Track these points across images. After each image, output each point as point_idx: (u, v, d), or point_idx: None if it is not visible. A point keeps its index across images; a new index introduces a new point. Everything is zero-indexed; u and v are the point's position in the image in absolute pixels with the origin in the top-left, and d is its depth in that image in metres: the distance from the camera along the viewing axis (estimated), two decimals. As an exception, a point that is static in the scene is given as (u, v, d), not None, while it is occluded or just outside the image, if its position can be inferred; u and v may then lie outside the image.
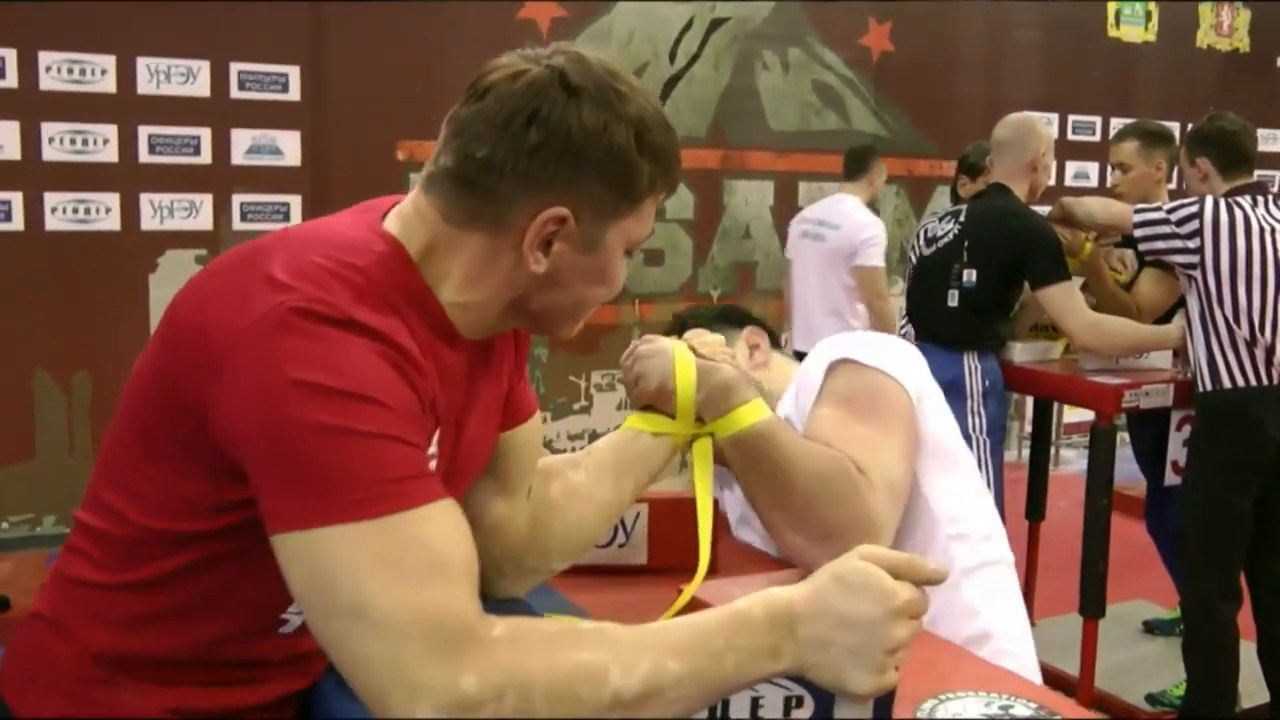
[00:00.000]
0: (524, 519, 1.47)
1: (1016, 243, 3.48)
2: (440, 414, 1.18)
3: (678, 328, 1.94)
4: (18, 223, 4.38)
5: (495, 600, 1.50)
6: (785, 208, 5.97)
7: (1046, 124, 3.75)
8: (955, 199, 4.94)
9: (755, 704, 1.13)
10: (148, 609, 1.17)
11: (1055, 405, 4.75)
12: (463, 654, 0.99)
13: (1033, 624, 4.12)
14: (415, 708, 0.98)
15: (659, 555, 1.83)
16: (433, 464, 1.16)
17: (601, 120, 1.15)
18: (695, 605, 1.56)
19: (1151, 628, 4.20)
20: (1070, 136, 6.67)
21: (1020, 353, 3.65)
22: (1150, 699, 3.70)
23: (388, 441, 1.03)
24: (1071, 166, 6.68)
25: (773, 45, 5.90)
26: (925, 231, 3.76)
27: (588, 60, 1.17)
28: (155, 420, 1.13)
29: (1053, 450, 6.10)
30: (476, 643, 1.00)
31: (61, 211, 4.46)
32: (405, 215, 1.20)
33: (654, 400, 1.58)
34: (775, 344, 2.04)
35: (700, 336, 1.67)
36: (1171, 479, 3.48)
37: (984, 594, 1.74)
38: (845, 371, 1.71)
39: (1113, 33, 6.82)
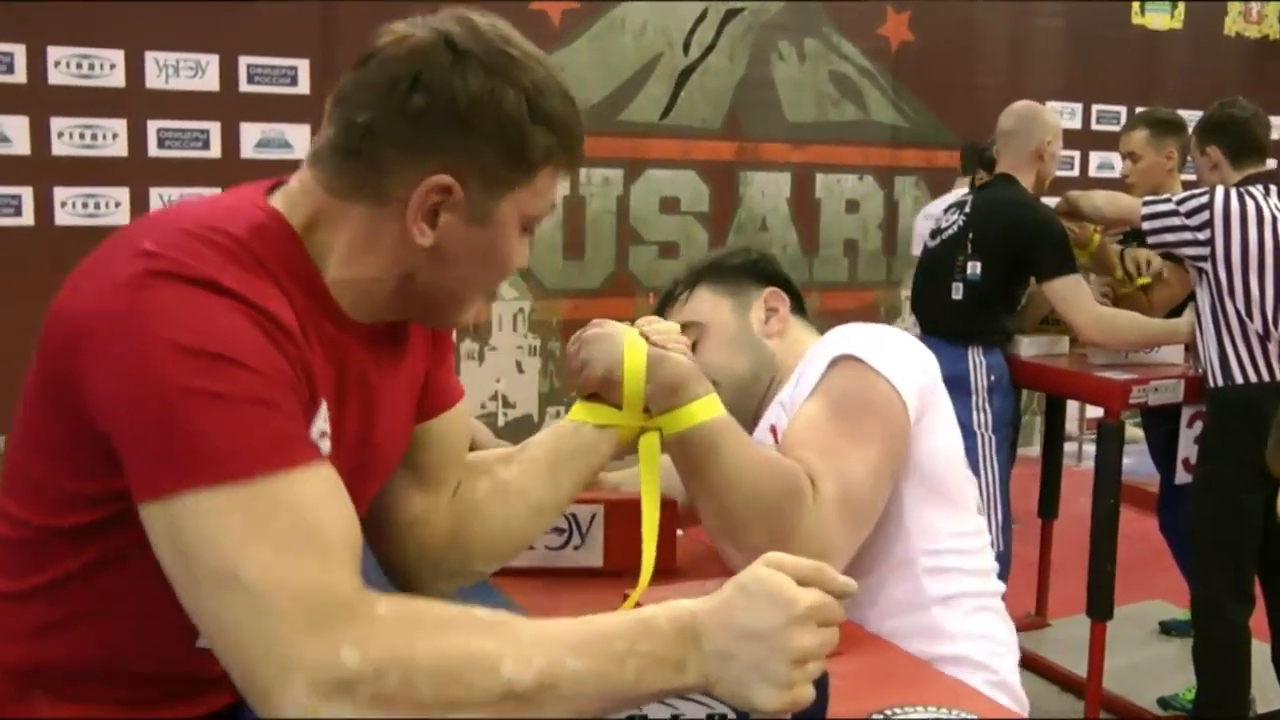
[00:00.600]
0: (445, 517, 1.39)
1: (1021, 234, 3.40)
2: (326, 390, 1.13)
3: (674, 289, 1.87)
4: (28, 217, 4.40)
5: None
6: (802, 200, 5.90)
7: (1055, 113, 3.67)
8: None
9: (676, 722, 1.08)
10: (55, 615, 1.14)
11: (1079, 401, 4.67)
12: (340, 628, 0.94)
13: (1046, 624, 4.12)
14: (288, 684, 0.93)
15: (616, 558, 1.75)
16: (325, 443, 1.11)
17: (489, 85, 1.10)
18: None
19: (1168, 629, 4.11)
20: (1094, 126, 6.55)
21: (1027, 347, 3.57)
22: (1162, 702, 3.61)
23: (253, 405, 0.99)
24: (1096, 157, 6.56)
25: (789, 36, 5.83)
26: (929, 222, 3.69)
27: (478, 25, 1.13)
28: (39, 414, 1.10)
29: (1076, 446, 6.01)
30: (356, 618, 0.95)
31: (71, 206, 4.47)
32: (289, 190, 1.16)
33: (599, 389, 1.48)
34: (800, 309, 1.91)
35: (653, 324, 1.57)
36: (1182, 477, 3.40)
37: (957, 619, 1.66)
38: (847, 369, 1.61)
39: (1137, 20, 6.68)
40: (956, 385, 3.41)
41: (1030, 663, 3.90)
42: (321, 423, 1.12)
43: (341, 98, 1.13)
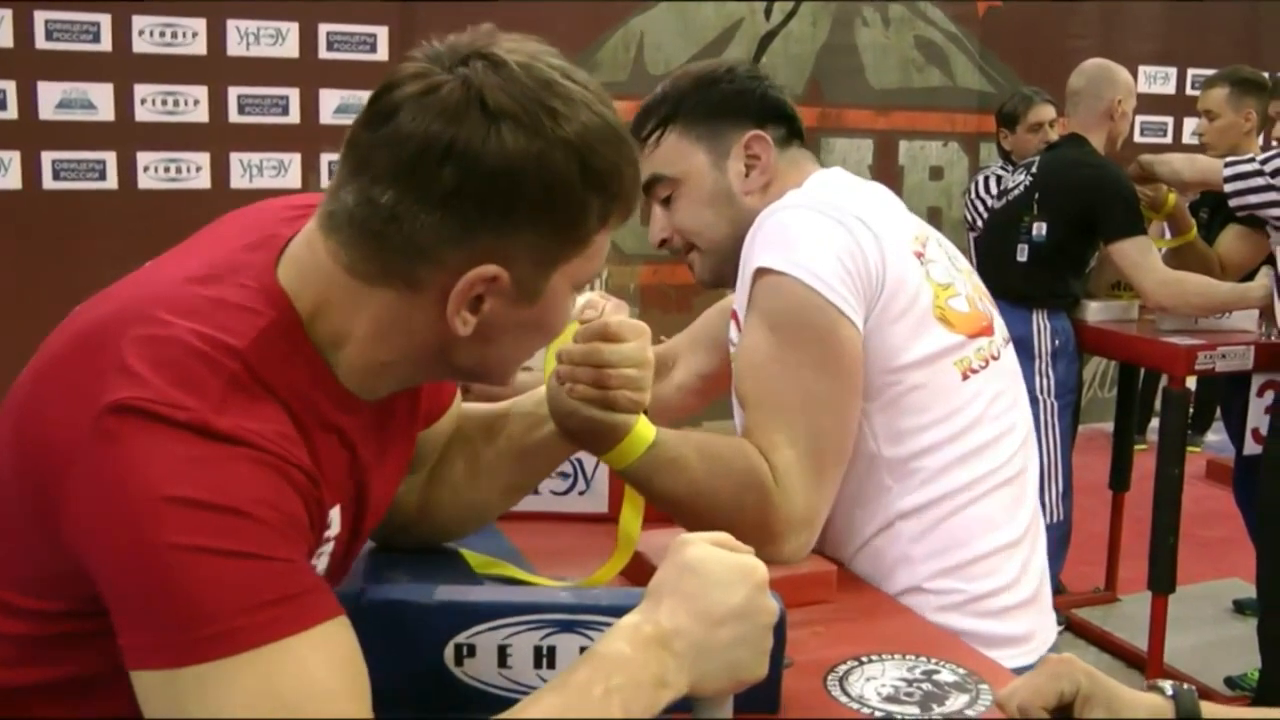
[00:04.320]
0: (419, 491, 1.35)
1: (1088, 193, 3.30)
2: (336, 485, 1.03)
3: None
4: (112, 181, 4.50)
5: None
6: (885, 167, 5.80)
7: (1124, 71, 3.54)
8: (1001, 154, 4.76)
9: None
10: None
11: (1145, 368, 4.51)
12: None
13: (1115, 600, 4.01)
14: None
15: (620, 504, 1.74)
16: (330, 546, 1.04)
17: (533, 149, 0.94)
18: (639, 564, 1.46)
19: (1241, 607, 3.97)
20: (1189, 91, 6.31)
21: (1095, 312, 3.47)
22: (1229, 681, 3.49)
23: (257, 561, 0.88)
24: (1190, 123, 6.32)
25: (873, 1, 5.73)
26: (986, 185, 3.61)
27: (511, 67, 0.96)
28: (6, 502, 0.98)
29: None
30: None
31: (154, 170, 4.57)
32: (301, 263, 1.01)
33: None
34: (793, 134, 1.65)
35: (589, 309, 1.34)
36: (1252, 447, 3.27)
37: (919, 541, 1.53)
38: (775, 288, 1.46)
39: (1238, -21, 6.43)
40: (1019, 349, 3.32)
41: (1097, 638, 3.83)
42: (333, 529, 1.04)
43: (360, 160, 0.97)
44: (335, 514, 1.04)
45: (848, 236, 1.47)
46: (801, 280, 1.45)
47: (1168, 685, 1.03)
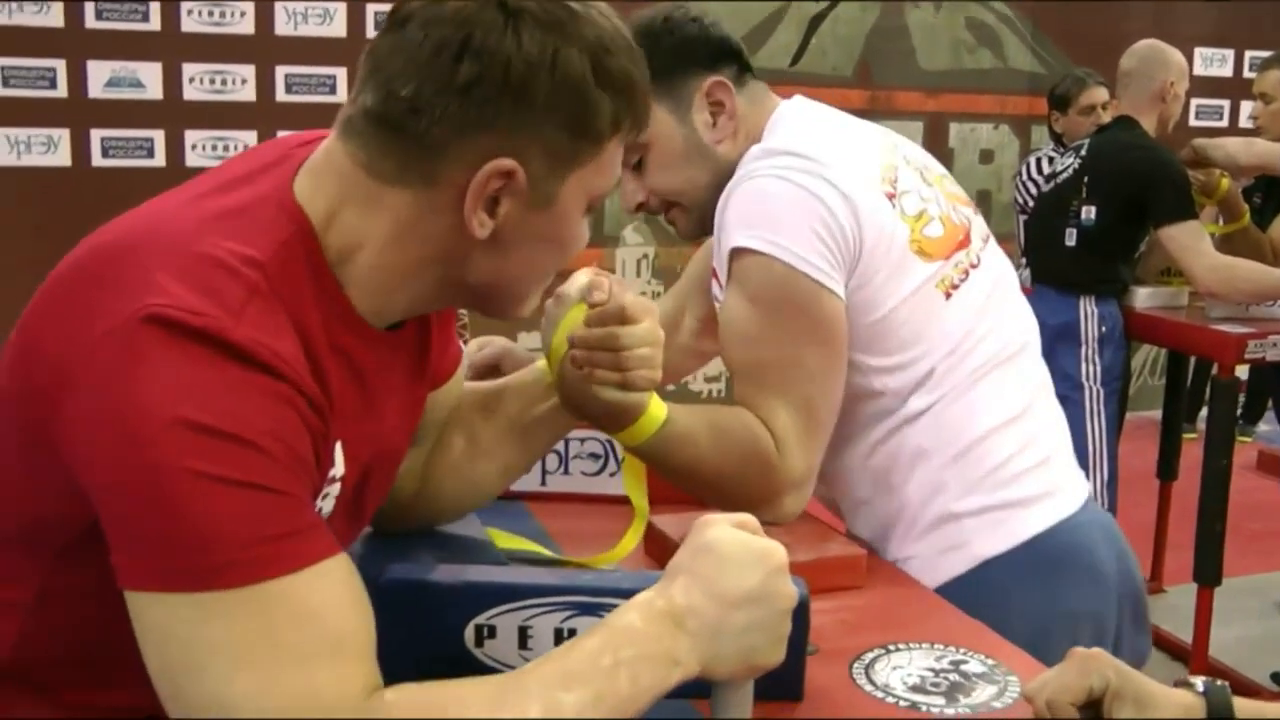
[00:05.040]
0: (417, 472, 1.34)
1: (1138, 176, 3.24)
2: (344, 416, 1.01)
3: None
4: (160, 159, 4.55)
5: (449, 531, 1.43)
6: (935, 149, 5.69)
7: (1176, 52, 3.48)
8: (1053, 136, 4.69)
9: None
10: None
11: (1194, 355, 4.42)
12: None
13: (1161, 591, 3.96)
14: None
15: (651, 486, 1.74)
16: (336, 488, 1.03)
17: (549, 47, 0.96)
18: (657, 540, 1.49)
19: (1293, 601, 3.91)
20: (1247, 74, 6.18)
21: (1144, 298, 3.41)
22: (1275, 677, 3.43)
23: (261, 493, 0.87)
24: (1247, 107, 6.20)
25: (924, -20, 5.66)
26: (1037, 166, 3.56)
27: None
28: (15, 450, 0.97)
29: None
30: None
31: (201, 148, 4.60)
32: (317, 171, 1.01)
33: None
34: (747, 69, 1.63)
35: (597, 292, 1.28)
36: (1303, 438, 3.21)
37: (926, 439, 1.56)
38: (753, 266, 1.47)
39: (1299, -41, 6.29)
40: (1066, 335, 3.33)
41: (1142, 629, 3.77)
42: (338, 468, 1.03)
43: (378, 62, 0.98)
44: (339, 451, 1.03)
45: (819, 205, 1.46)
46: (779, 259, 1.45)
47: (1199, 681, 1.00)
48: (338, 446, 1.02)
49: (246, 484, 0.86)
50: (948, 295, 1.55)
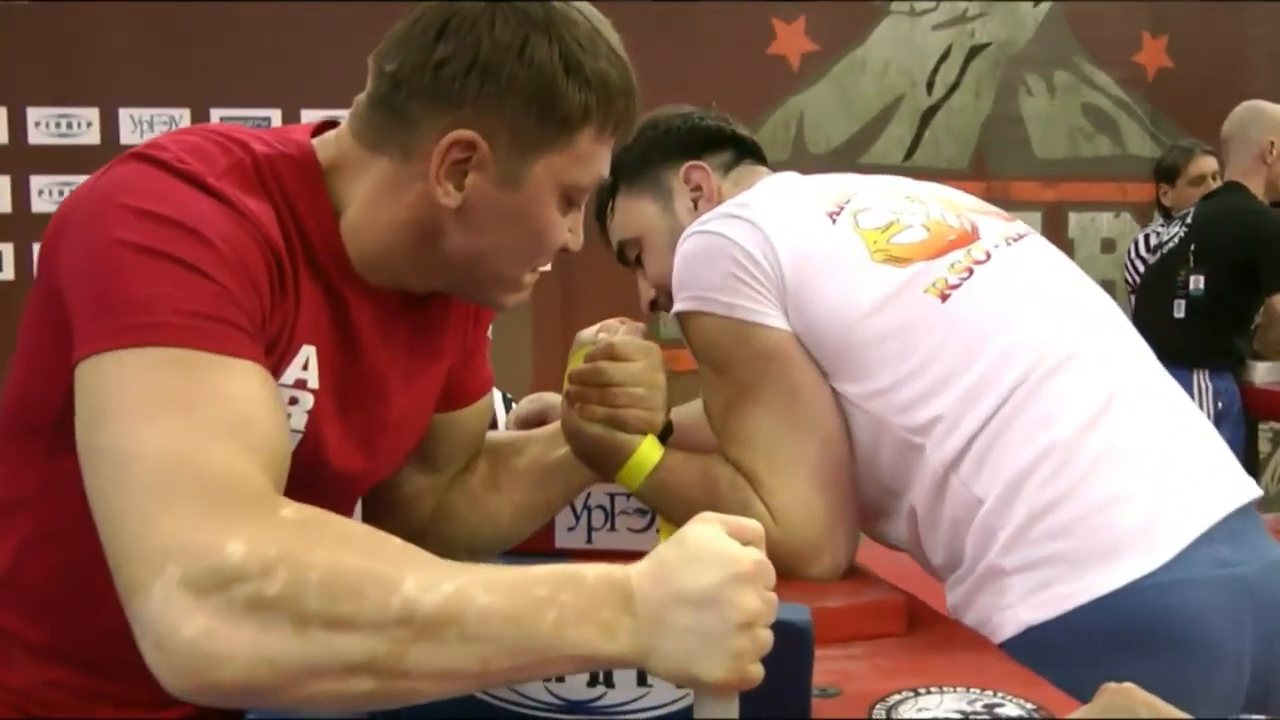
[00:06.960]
0: (437, 494, 1.37)
1: (1247, 241, 3.15)
2: (316, 338, 1.09)
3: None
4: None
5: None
6: (1055, 239, 5.56)
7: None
8: (1161, 211, 4.53)
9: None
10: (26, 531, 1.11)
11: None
12: (234, 520, 0.84)
13: None
14: (159, 572, 0.82)
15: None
16: (304, 396, 1.07)
17: (520, 34, 1.06)
18: None
19: None
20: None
21: (1264, 373, 3.26)
22: None
23: (200, 276, 0.94)
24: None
25: (1037, 69, 5.58)
26: (1146, 243, 3.45)
27: None
28: (33, 336, 1.08)
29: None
30: (255, 513, 0.86)
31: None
32: (326, 137, 1.15)
33: None
34: (747, 155, 1.66)
35: (602, 332, 1.41)
36: None
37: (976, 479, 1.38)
38: (694, 331, 1.46)
39: None
40: (1179, 411, 3.17)
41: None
42: (298, 369, 1.08)
43: (380, 49, 1.12)
44: (312, 358, 1.09)
45: (727, 244, 1.43)
46: (708, 312, 1.43)
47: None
48: (310, 352, 1.09)
49: (190, 266, 0.94)
50: (943, 298, 1.44)
